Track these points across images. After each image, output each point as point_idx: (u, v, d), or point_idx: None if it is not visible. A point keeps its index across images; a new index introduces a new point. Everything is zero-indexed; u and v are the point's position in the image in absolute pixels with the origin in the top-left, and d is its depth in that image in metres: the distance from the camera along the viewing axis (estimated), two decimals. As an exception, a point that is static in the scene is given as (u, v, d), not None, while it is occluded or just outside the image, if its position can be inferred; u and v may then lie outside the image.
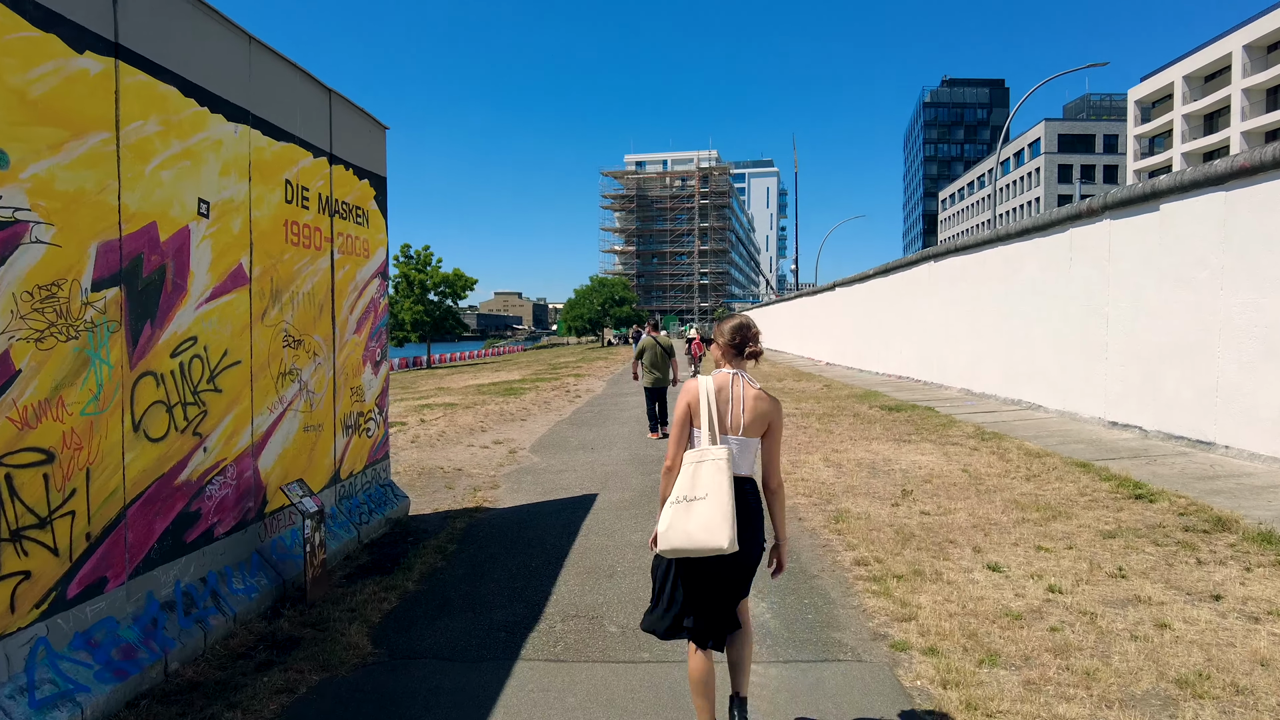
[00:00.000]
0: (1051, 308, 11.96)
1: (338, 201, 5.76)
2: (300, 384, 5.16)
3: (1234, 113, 50.43)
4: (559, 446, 10.39)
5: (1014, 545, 5.41)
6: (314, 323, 5.36)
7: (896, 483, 7.56)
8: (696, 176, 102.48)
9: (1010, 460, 8.44)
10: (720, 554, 2.64)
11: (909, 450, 9.31)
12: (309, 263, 5.29)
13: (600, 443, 10.64)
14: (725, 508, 2.63)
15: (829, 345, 28.79)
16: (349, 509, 5.88)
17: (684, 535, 2.65)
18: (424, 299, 50.32)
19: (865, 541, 5.55)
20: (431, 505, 7.18)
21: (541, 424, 12.93)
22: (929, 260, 17.74)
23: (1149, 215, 9.45)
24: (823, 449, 9.51)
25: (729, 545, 2.59)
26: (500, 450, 10.19)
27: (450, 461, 9.38)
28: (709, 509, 2.64)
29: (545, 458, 9.58)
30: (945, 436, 10.20)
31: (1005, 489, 7.13)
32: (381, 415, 6.61)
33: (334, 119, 5.66)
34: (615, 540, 5.73)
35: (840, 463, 8.63)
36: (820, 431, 10.91)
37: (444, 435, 11.54)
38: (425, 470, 8.83)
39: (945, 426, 11.01)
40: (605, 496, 7.27)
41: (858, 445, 9.71)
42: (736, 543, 2.62)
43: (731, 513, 2.62)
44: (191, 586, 3.99)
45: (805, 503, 6.84)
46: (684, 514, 2.67)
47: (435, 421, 13.27)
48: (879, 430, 10.91)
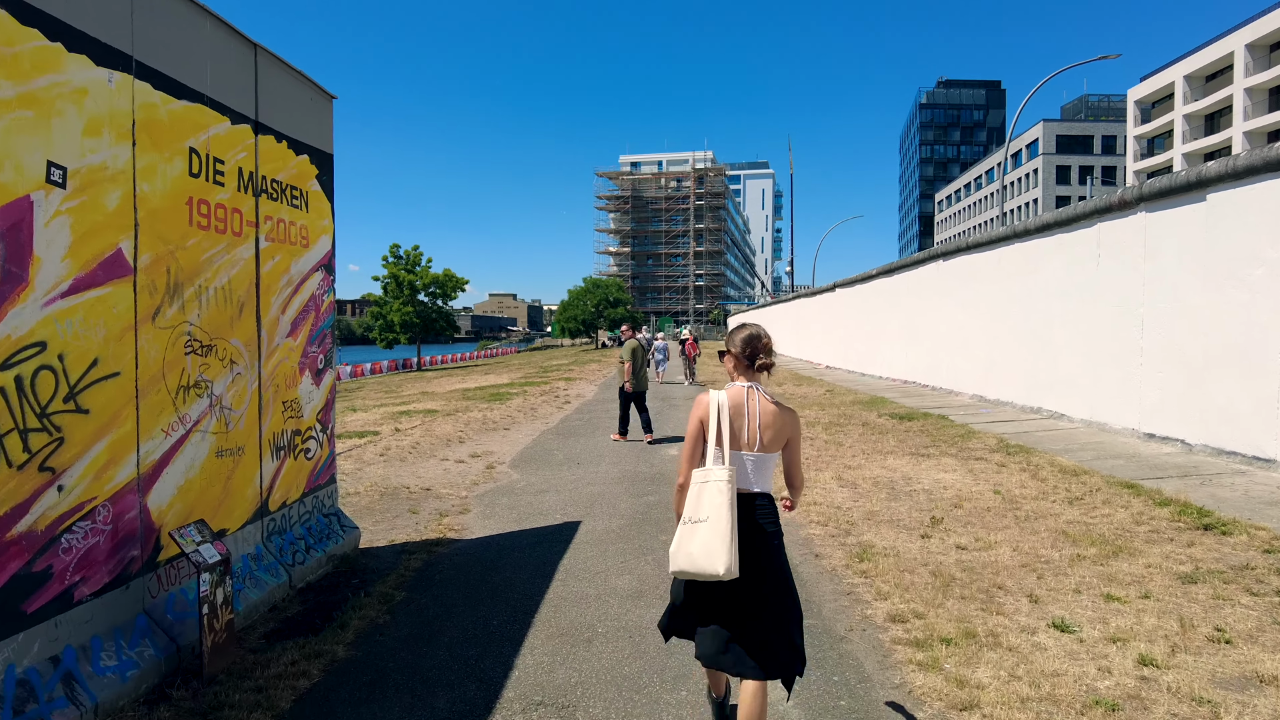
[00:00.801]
0: (1076, 309, 11.07)
1: (266, 179, 4.81)
2: (211, 399, 4.21)
3: (1236, 113, 49.81)
4: (542, 461, 9.44)
5: (1076, 592, 4.49)
6: (231, 324, 4.41)
7: (922, 507, 6.64)
8: (692, 177, 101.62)
9: (1045, 479, 7.53)
10: (720, 579, 2.56)
11: (929, 466, 8.40)
12: (224, 251, 4.33)
13: (588, 456, 9.70)
14: (724, 533, 2.56)
15: (829, 348, 27.91)
16: (280, 547, 4.92)
17: (687, 557, 2.61)
18: (414, 300, 49.27)
19: (898, 588, 4.62)
20: (388, 535, 6.23)
21: (525, 434, 11.97)
22: (937, 259, 16.86)
23: (1193, 207, 8.56)
24: (834, 465, 8.58)
25: (725, 572, 2.53)
26: (477, 465, 9.23)
27: (419, 479, 8.42)
28: (709, 533, 2.57)
29: (526, 474, 8.63)
30: (966, 450, 9.29)
31: (1047, 515, 6.21)
32: (325, 432, 5.65)
33: (261, 80, 4.71)
34: (597, 586, 4.78)
35: (855, 482, 7.70)
36: (829, 444, 9.99)
37: (417, 447, 10.58)
38: (389, 491, 7.87)
39: (964, 438, 10.10)
40: (590, 525, 6.32)
41: (872, 460, 8.79)
42: (735, 569, 2.54)
43: (729, 537, 2.55)
44: (32, 671, 3.03)
45: (821, 534, 5.91)
46: (689, 536, 2.62)
47: (411, 431, 12.31)
48: (893, 442, 9.99)
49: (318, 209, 5.49)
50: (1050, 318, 11.87)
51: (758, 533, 2.70)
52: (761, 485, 2.77)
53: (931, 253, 17.29)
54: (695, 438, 2.78)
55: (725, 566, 2.53)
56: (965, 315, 15.28)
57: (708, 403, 2.77)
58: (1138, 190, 9.40)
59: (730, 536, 2.55)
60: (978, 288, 14.72)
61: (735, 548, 2.56)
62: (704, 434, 2.75)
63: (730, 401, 2.76)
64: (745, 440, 2.74)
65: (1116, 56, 20.86)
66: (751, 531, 2.69)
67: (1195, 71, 54.26)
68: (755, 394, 2.79)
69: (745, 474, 2.75)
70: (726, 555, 2.53)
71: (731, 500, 2.60)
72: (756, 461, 2.75)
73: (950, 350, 16.06)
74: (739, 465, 2.74)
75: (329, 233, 5.68)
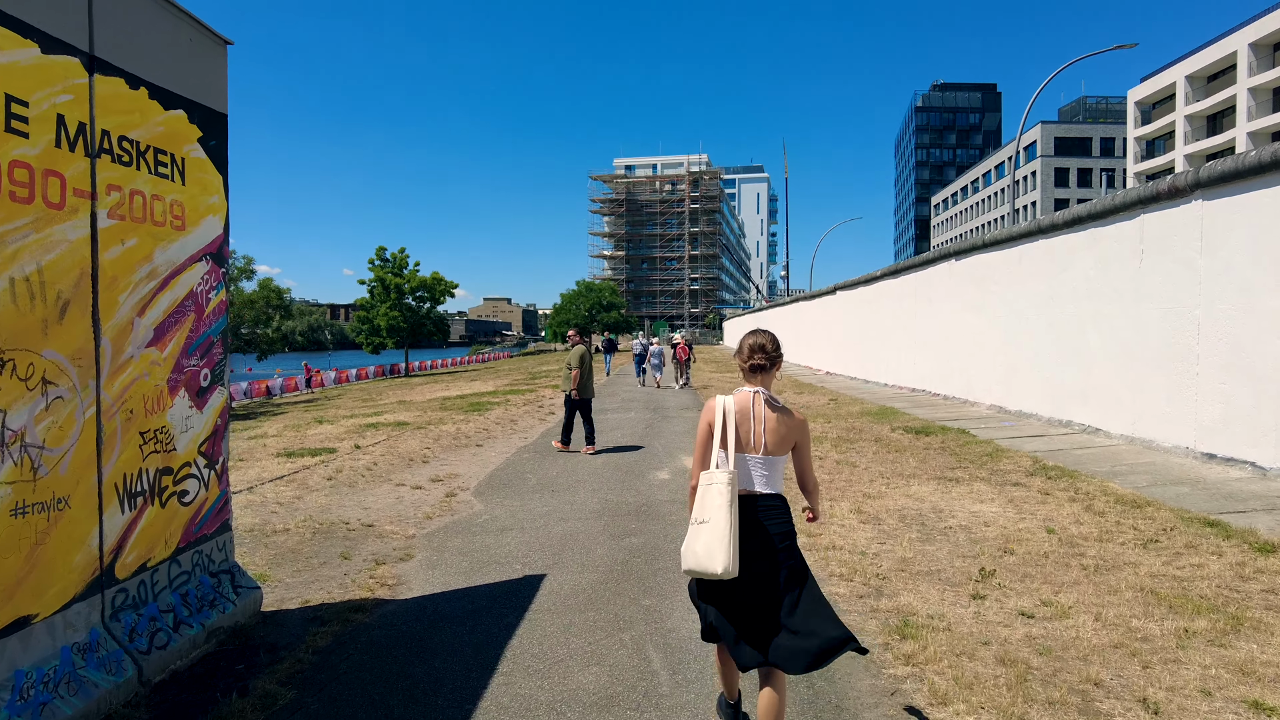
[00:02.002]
0: (1114, 311, 9.90)
1: (111, 137, 3.58)
2: (2, 436, 2.98)
3: (1239, 113, 48.99)
4: (511, 486, 8.21)
5: (1205, 693, 3.30)
6: (43, 330, 3.19)
7: (964, 551, 5.44)
8: (686, 180, 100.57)
9: (1102, 512, 6.34)
10: (724, 579, 2.67)
11: (961, 494, 7.20)
12: (29, 229, 3.11)
13: (564, 481, 8.47)
14: (723, 534, 2.66)
15: (829, 353, 26.75)
16: (133, 627, 3.68)
17: (694, 556, 2.72)
18: (400, 304, 47.97)
19: (960, 685, 3.41)
20: (305, 593, 4.99)
21: (500, 451, 10.74)
22: (949, 258, 15.70)
23: (1266, 192, 7.40)
24: (850, 492, 7.38)
25: (723, 571, 2.64)
26: (436, 492, 7.99)
27: (364, 512, 7.19)
28: (711, 533, 2.68)
29: (490, 504, 7.40)
30: (999, 472, 8.11)
31: (1121, 564, 5.02)
32: (213, 468, 4.41)
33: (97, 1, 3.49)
34: (552, 687, 3.54)
35: (878, 515, 6.50)
36: (841, 464, 8.78)
37: (374, 469, 9.34)
38: (324, 527, 6.63)
39: (992, 457, 8.91)
40: (555, 580, 5.10)
41: (893, 486, 7.59)
42: (734, 568, 2.65)
43: (728, 538, 2.65)
44: None
45: (846, 593, 4.70)
46: (696, 536, 2.73)
47: (372, 448, 11.06)
48: (913, 463, 8.80)
49: (200, 182, 4.26)
50: (1082, 321, 10.70)
51: (764, 533, 2.78)
52: (769, 487, 2.86)
53: (942, 251, 16.14)
54: (704, 441, 2.88)
55: (723, 566, 2.64)
56: (981, 319, 14.12)
57: (714, 407, 2.87)
58: (1193, 175, 8.24)
59: (728, 537, 2.65)
60: (995, 289, 13.56)
61: (734, 548, 2.65)
62: (711, 438, 2.85)
63: (737, 406, 2.85)
64: (751, 444, 2.83)
65: (1133, 46, 19.84)
66: (758, 532, 2.77)
67: (1197, 72, 53.48)
68: (760, 399, 2.87)
69: (750, 476, 2.83)
70: (725, 555, 2.64)
71: (731, 502, 2.70)
72: (764, 464, 2.84)
73: (963, 357, 14.89)
74: (744, 467, 2.83)
75: (219, 213, 4.46)
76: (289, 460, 10.22)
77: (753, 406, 2.84)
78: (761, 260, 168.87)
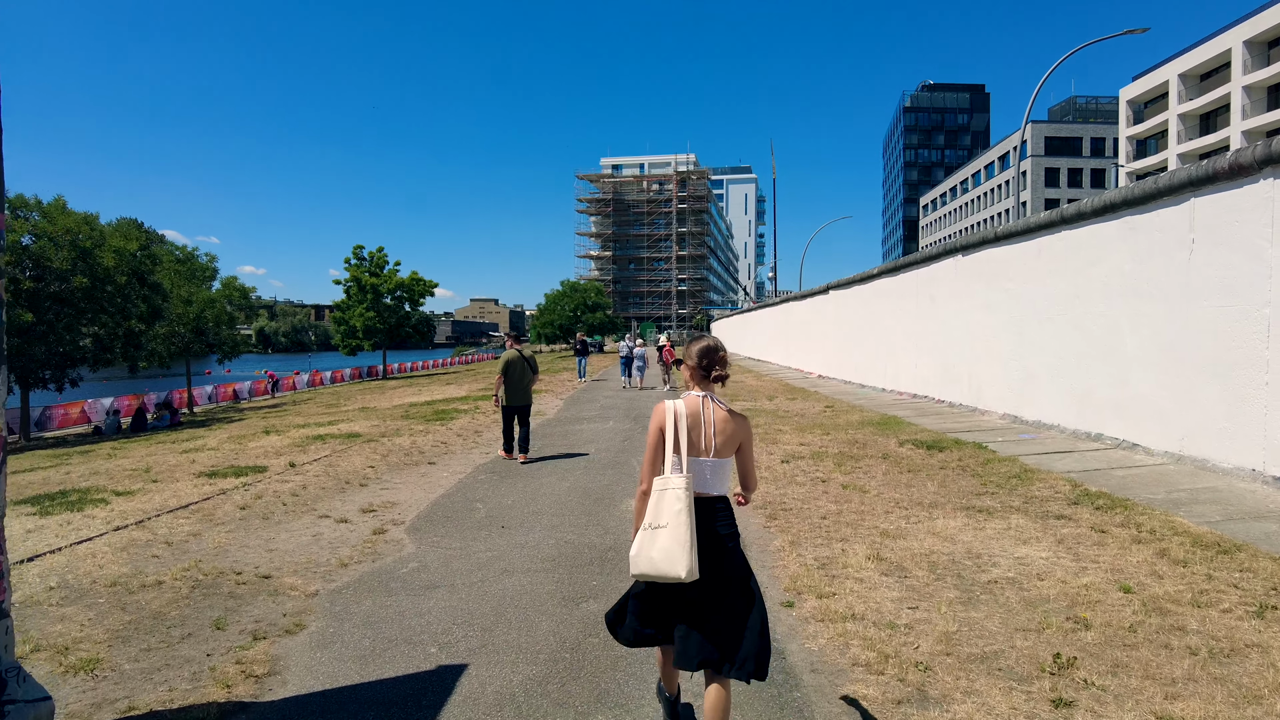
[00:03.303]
0: (1156, 311, 8.68)
1: None
2: None
3: (1234, 111, 48.33)
4: (456, 519, 6.84)
5: None
6: None
7: (1020, 620, 4.15)
8: (674, 180, 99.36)
9: (1183, 560, 5.06)
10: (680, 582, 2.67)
11: (997, 530, 5.92)
12: None
13: (520, 511, 7.12)
14: (683, 537, 2.66)
15: (820, 356, 25.52)
16: None
17: (649, 562, 2.70)
18: (378, 305, 46.39)
19: None
20: (134, 692, 3.63)
21: (453, 470, 9.38)
22: (955, 253, 14.48)
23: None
24: (864, 529, 6.07)
25: (686, 574, 2.64)
26: (363, 527, 6.63)
27: (269, 556, 5.81)
28: (669, 538, 2.67)
29: (424, 544, 6.04)
30: (1035, 500, 6.84)
31: (1240, 646, 3.74)
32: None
33: None
34: None
35: (902, 563, 5.20)
36: (849, 489, 7.47)
37: (300, 495, 7.96)
38: (209, 579, 5.26)
39: (1022, 480, 7.65)
40: (477, 676, 3.73)
41: (915, 521, 6.29)
42: (696, 571, 2.66)
43: (689, 542, 2.66)
44: None
45: (875, 694, 3.38)
46: (649, 542, 2.71)
47: (309, 465, 9.67)
48: (931, 487, 7.52)
49: (-64, 112, 2.90)
50: (1114, 322, 9.48)
51: (715, 535, 2.81)
52: (719, 489, 2.88)
53: (948, 246, 14.91)
54: (655, 445, 2.88)
55: (686, 569, 2.64)
56: (992, 319, 12.89)
57: (665, 412, 2.87)
58: (1261, 150, 7.01)
59: (689, 541, 2.66)
60: (1009, 286, 12.33)
61: (695, 551, 2.66)
62: (663, 441, 2.85)
63: (687, 410, 2.87)
64: (702, 446, 2.84)
65: (1145, 30, 18.77)
66: (710, 534, 2.80)
67: (1191, 70, 52.84)
68: (710, 402, 2.91)
69: (704, 479, 2.84)
70: (686, 559, 2.65)
71: (689, 506, 2.70)
72: (714, 466, 2.86)
73: (972, 360, 13.67)
74: (698, 471, 2.83)
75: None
76: (209, 482, 8.82)
77: (703, 410, 2.88)
78: (749, 261, 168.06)
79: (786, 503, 6.97)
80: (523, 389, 10.04)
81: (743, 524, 6.02)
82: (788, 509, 6.73)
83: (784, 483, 7.85)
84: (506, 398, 9.99)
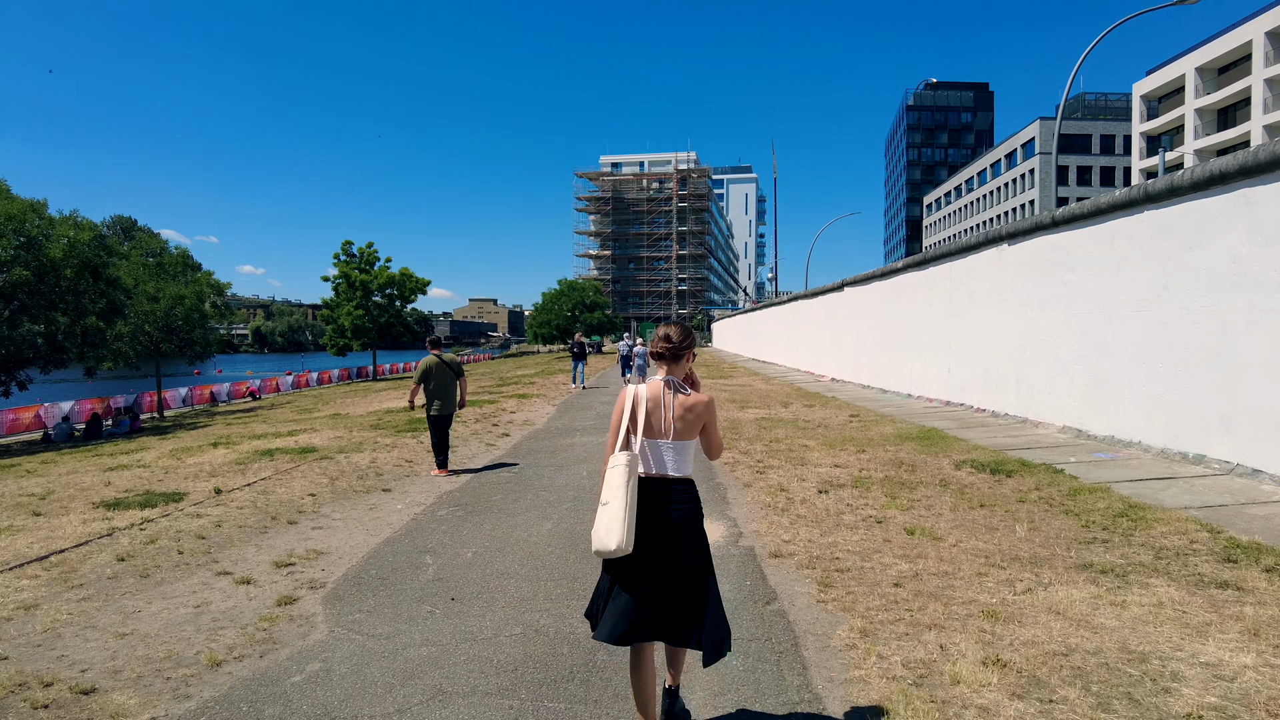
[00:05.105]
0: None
1: None
2: None
3: (1255, 105, 46.61)
4: (395, 583, 5.07)
5: None
6: None
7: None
8: (674, 178, 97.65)
9: None
10: (619, 555, 2.76)
11: (1144, 607, 4.19)
12: None
13: (480, 572, 5.36)
14: (620, 512, 2.75)
15: (834, 358, 23.79)
16: None
17: (596, 536, 2.80)
18: (367, 303, 44.61)
19: None
20: None
21: (412, 500, 7.64)
22: (998, 242, 12.75)
23: None
24: (956, 604, 4.32)
25: (617, 547, 2.73)
26: (269, 592, 4.88)
27: (112, 649, 4.07)
28: (609, 513, 2.77)
29: (341, 627, 4.30)
30: (1168, 554, 5.10)
31: None
32: None
33: None
34: None
35: (1035, 673, 3.46)
36: (916, 534, 5.71)
37: (209, 536, 6.21)
38: (3, 692, 3.52)
39: (1132, 520, 5.92)
40: None
41: (1022, 589, 4.54)
42: (627, 545, 2.73)
43: (625, 517, 2.74)
44: None
45: None
46: (598, 517, 2.82)
47: (239, 492, 7.92)
48: (1020, 530, 5.78)
49: None
50: (1222, 318, 7.76)
51: (668, 515, 2.86)
52: (678, 470, 2.93)
53: (989, 235, 13.18)
54: (616, 427, 2.97)
55: (618, 542, 2.72)
56: (1048, 316, 11.17)
57: (625, 395, 2.99)
58: None
59: (624, 515, 2.74)
60: (1069, 278, 10.61)
61: (629, 525, 2.74)
62: (621, 423, 2.95)
63: (649, 394, 2.95)
64: (660, 429, 2.92)
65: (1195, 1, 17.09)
66: (662, 513, 2.86)
67: (1208, 63, 51.13)
68: (670, 387, 2.98)
69: (662, 460, 2.92)
70: (620, 532, 2.72)
71: (627, 482, 2.78)
72: (673, 448, 2.92)
73: (1020, 364, 11.95)
74: (656, 452, 2.93)
75: None
76: (104, 516, 7.07)
77: (664, 394, 2.95)
78: (749, 262, 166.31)
79: (840, 557, 5.23)
80: (448, 398, 9.18)
81: (789, 595, 4.32)
82: (844, 569, 4.98)
83: (829, 525, 6.11)
84: (431, 407, 9.08)
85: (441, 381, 9.16)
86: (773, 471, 8.42)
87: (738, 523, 6.31)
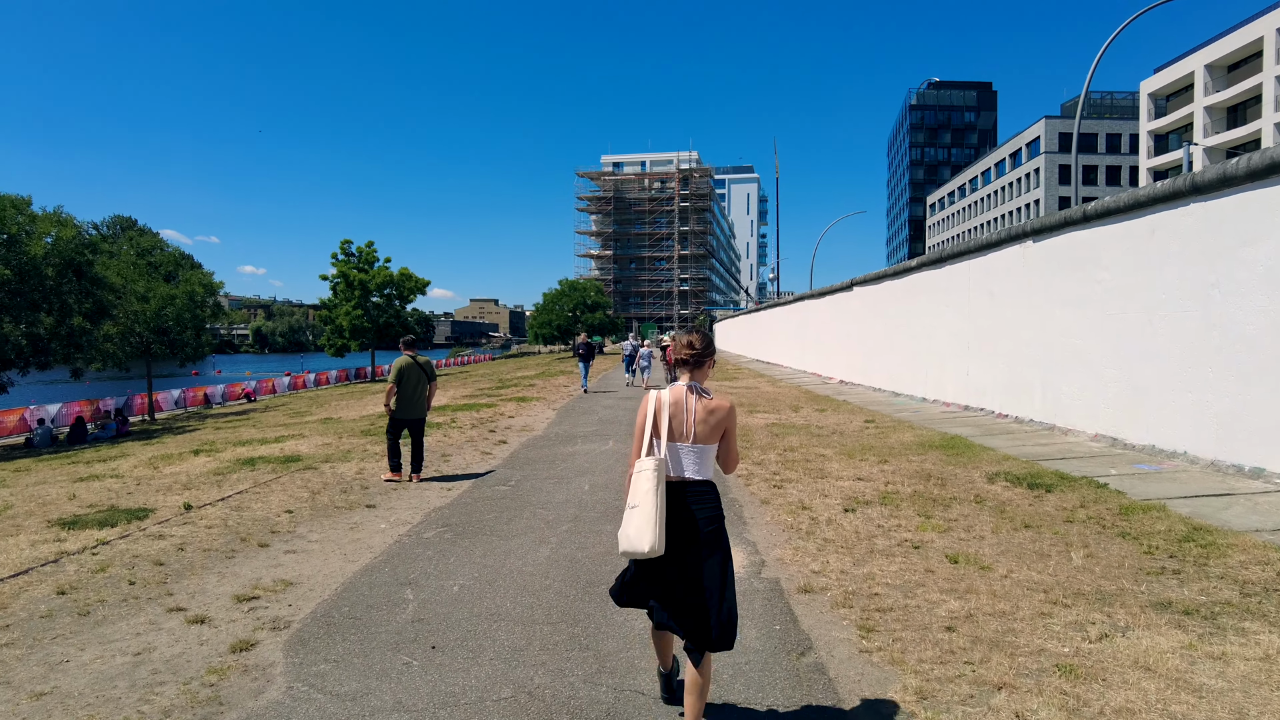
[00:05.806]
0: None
1: None
2: None
3: (1266, 102, 45.96)
4: (369, 624, 4.42)
5: None
6: None
7: None
8: (676, 178, 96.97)
9: None
10: (651, 556, 2.81)
11: (1252, 662, 3.54)
12: None
13: (467, 611, 4.71)
14: (650, 515, 2.79)
15: (842, 359, 23.12)
16: None
17: (626, 538, 2.84)
18: (365, 303, 43.99)
19: None
20: None
21: (398, 518, 6.99)
22: (1023, 239, 12.10)
23: None
24: (1022, 655, 3.66)
25: (649, 549, 2.77)
26: (224, 635, 4.23)
27: (31, 710, 3.42)
28: (639, 516, 2.81)
29: (301, 683, 3.64)
30: (1258, 589, 4.46)
31: None
32: None
33: None
34: None
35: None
36: (960, 563, 5.05)
37: (167, 562, 5.57)
38: None
39: (1200, 545, 5.27)
40: None
41: (1096, 635, 3.88)
42: (660, 547, 2.78)
43: (655, 519, 2.78)
44: None
45: None
46: (627, 519, 2.86)
47: (210, 508, 7.27)
48: (1076, 558, 5.12)
49: None
50: None
51: (692, 516, 2.90)
52: (699, 474, 2.97)
53: (1011, 232, 12.53)
54: (640, 431, 3.00)
55: (650, 545, 2.77)
56: (1078, 316, 10.51)
57: (649, 400, 3.02)
58: None
59: (655, 518, 2.78)
60: (1103, 275, 9.95)
61: (660, 528, 2.78)
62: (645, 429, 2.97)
63: (671, 399, 2.99)
64: (683, 433, 2.95)
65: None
66: (686, 515, 2.90)
67: (1218, 60, 50.49)
68: (692, 392, 3.00)
69: (681, 463, 2.95)
70: (651, 535, 2.77)
71: (656, 487, 2.82)
72: (695, 452, 2.95)
73: (1047, 367, 11.29)
74: (676, 456, 2.96)
75: None
76: (56, 537, 6.42)
77: (685, 399, 2.98)
78: (751, 262, 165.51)
79: (879, 593, 4.57)
80: (417, 401, 8.93)
81: (826, 643, 3.69)
82: (886, 608, 4.32)
83: (861, 551, 5.45)
84: (399, 410, 8.79)
85: (416, 384, 8.88)
86: (791, 486, 7.76)
87: (758, 548, 5.65)
